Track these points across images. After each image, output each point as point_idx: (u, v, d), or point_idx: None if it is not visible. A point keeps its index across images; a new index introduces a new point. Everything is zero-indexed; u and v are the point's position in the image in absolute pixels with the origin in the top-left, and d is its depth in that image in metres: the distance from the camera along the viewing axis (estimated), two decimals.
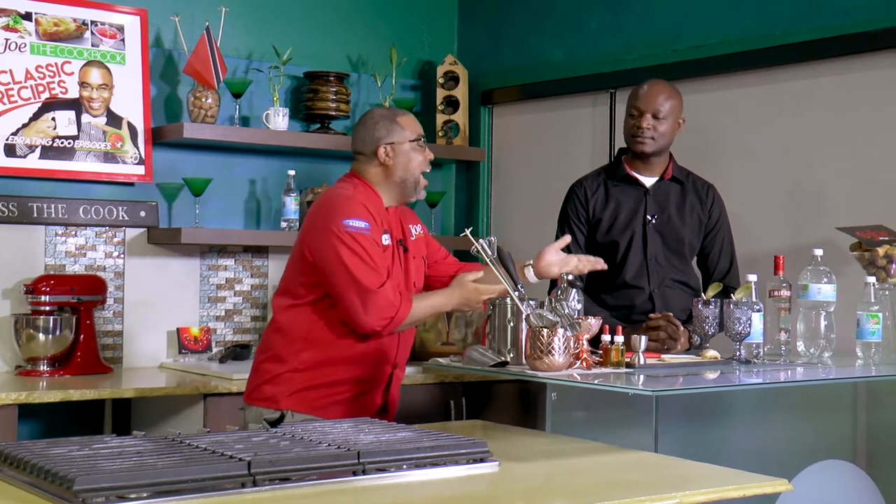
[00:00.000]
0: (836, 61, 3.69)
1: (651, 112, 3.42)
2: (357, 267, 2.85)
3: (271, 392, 2.95)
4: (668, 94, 3.46)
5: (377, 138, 3.02)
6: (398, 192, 3.05)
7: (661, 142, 3.45)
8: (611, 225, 3.51)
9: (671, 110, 3.44)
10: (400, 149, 3.02)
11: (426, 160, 3.08)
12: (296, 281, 2.96)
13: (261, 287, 4.32)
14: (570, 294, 2.97)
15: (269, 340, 3.01)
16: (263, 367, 3.00)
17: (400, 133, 3.04)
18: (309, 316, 2.94)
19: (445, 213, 4.86)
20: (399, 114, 3.10)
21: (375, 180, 3.03)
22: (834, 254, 3.36)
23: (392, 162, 3.01)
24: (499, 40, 4.78)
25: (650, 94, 3.44)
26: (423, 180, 3.09)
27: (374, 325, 2.87)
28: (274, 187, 4.37)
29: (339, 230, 2.87)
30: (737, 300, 3.01)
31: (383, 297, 2.85)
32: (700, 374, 2.88)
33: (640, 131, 3.43)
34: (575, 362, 2.77)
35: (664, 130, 3.44)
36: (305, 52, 4.41)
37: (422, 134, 3.09)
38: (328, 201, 2.97)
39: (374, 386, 3.02)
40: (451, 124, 4.71)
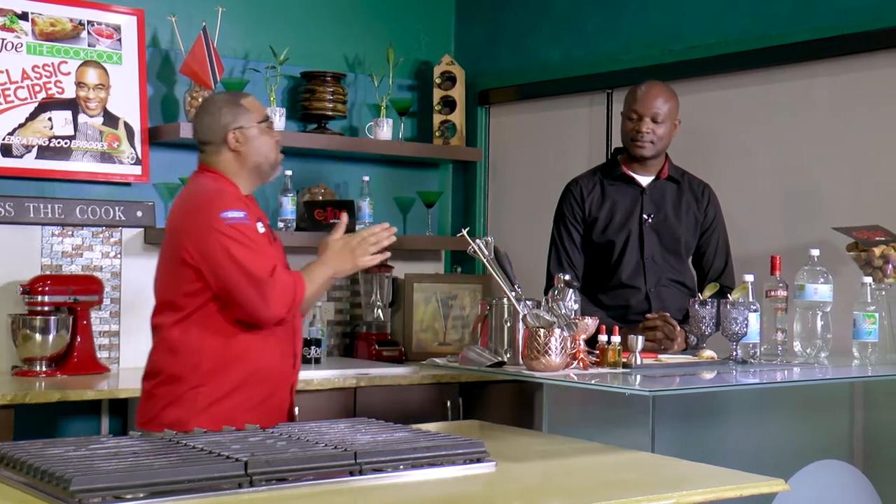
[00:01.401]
0: (832, 62, 3.69)
1: (650, 116, 3.41)
2: (247, 259, 2.73)
3: (176, 416, 2.75)
4: (667, 96, 3.45)
5: (224, 124, 2.89)
6: (254, 178, 2.94)
7: (659, 145, 3.46)
8: (607, 224, 3.51)
9: (669, 113, 3.44)
10: (249, 132, 2.90)
11: (276, 142, 2.96)
12: (177, 293, 2.80)
13: None
14: (567, 294, 2.97)
15: (160, 363, 2.83)
16: (159, 391, 2.81)
17: (247, 116, 2.91)
18: (199, 325, 2.78)
19: (442, 214, 4.85)
20: (241, 96, 2.98)
21: (230, 169, 2.90)
22: (830, 254, 3.36)
23: (243, 147, 2.89)
24: (496, 40, 4.78)
25: (649, 98, 3.42)
26: (279, 157, 2.96)
27: (277, 313, 2.76)
28: (271, 187, 4.35)
29: (219, 225, 2.74)
30: (733, 300, 3.01)
31: (280, 283, 2.75)
32: (697, 374, 2.89)
33: (639, 135, 3.42)
34: (572, 362, 2.77)
35: (663, 133, 3.44)
36: (302, 52, 4.41)
37: (267, 115, 2.98)
38: (196, 200, 2.84)
39: (280, 384, 2.89)
40: (448, 124, 4.71)
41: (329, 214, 4.30)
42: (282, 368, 2.89)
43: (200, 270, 2.76)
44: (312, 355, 4.02)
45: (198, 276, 2.77)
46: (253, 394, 2.82)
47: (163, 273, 2.89)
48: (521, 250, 4.03)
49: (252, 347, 2.81)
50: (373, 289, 4.42)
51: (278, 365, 2.88)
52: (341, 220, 3.00)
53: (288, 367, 2.92)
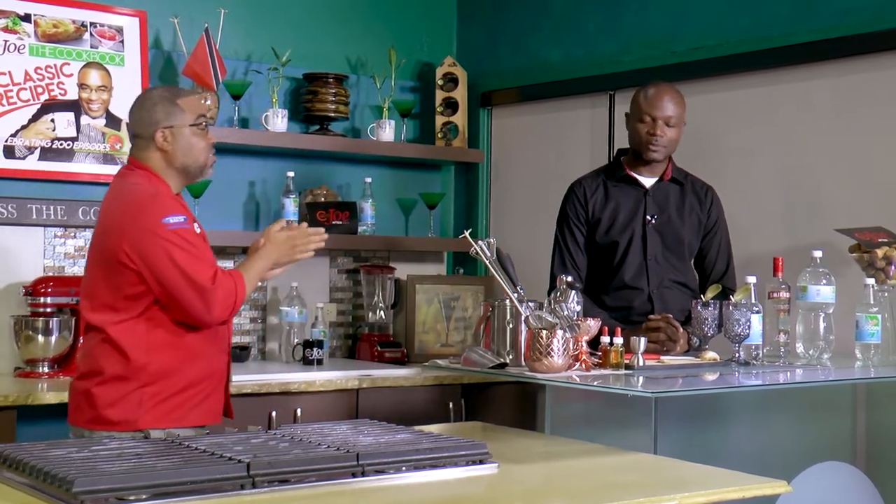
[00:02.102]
0: (834, 63, 3.68)
1: (664, 120, 3.41)
2: (190, 265, 2.73)
3: (122, 415, 2.74)
4: (678, 100, 3.46)
5: (155, 121, 2.84)
6: (181, 178, 2.90)
7: (671, 148, 3.47)
8: (610, 225, 3.51)
9: (681, 117, 3.46)
10: (179, 133, 2.84)
11: (209, 145, 2.91)
12: (118, 295, 2.77)
13: (260, 289, 4.32)
14: (569, 296, 2.97)
15: (102, 362, 2.78)
16: (100, 391, 2.78)
17: (179, 116, 2.85)
18: (146, 326, 2.77)
19: (444, 215, 4.85)
20: (180, 94, 2.92)
21: (158, 166, 2.86)
22: (833, 255, 3.36)
23: (171, 147, 2.84)
24: (497, 42, 4.78)
25: (663, 102, 3.42)
26: (211, 159, 2.93)
27: (220, 316, 2.79)
28: (273, 189, 4.37)
29: (161, 231, 2.73)
30: (736, 302, 3.01)
31: (222, 288, 2.75)
32: (699, 376, 2.89)
33: (654, 139, 3.41)
34: (574, 364, 2.77)
35: (674, 137, 3.45)
36: (304, 53, 4.41)
37: (204, 115, 2.92)
38: (134, 202, 2.79)
39: (218, 382, 2.91)
40: (450, 126, 4.71)
41: (331, 216, 4.30)
42: (219, 366, 2.92)
43: (141, 274, 2.74)
44: (315, 357, 4.02)
45: (140, 280, 2.75)
46: (198, 391, 2.84)
47: (98, 273, 2.83)
48: (524, 252, 4.02)
49: (200, 347, 2.84)
50: (375, 290, 4.42)
51: (217, 362, 2.91)
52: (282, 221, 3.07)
53: (225, 365, 2.95)
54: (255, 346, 4.30)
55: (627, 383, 2.67)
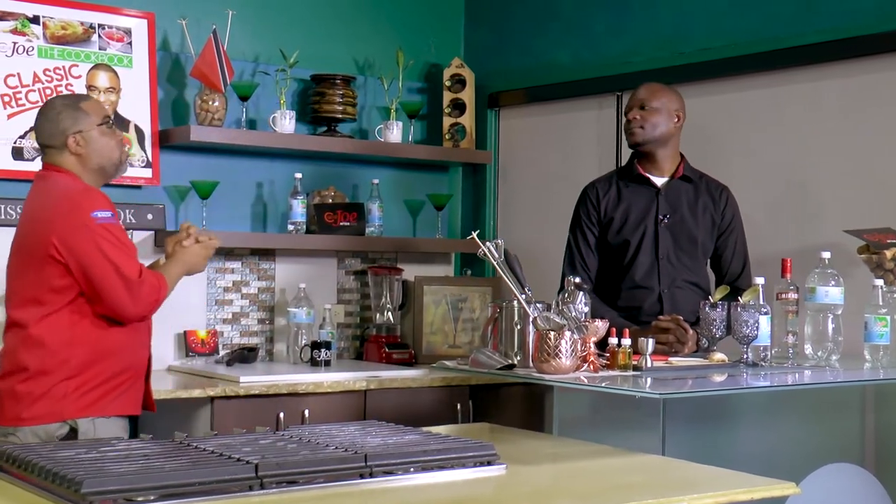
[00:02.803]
0: (842, 64, 3.68)
1: (638, 105, 3.49)
2: (119, 258, 2.85)
3: (47, 409, 2.85)
4: (657, 88, 3.54)
5: (63, 129, 2.97)
6: (99, 178, 3.03)
7: (652, 132, 3.48)
8: (622, 224, 3.52)
9: (659, 102, 3.49)
10: (89, 136, 2.98)
11: (119, 142, 3.05)
12: (41, 288, 2.87)
13: (268, 290, 4.32)
14: (577, 297, 2.97)
15: (24, 358, 2.87)
16: (25, 388, 2.86)
17: (86, 119, 2.99)
18: (69, 319, 2.87)
19: (452, 216, 4.85)
20: (81, 99, 3.08)
21: (75, 170, 2.99)
22: (841, 256, 3.35)
23: (84, 150, 2.98)
24: (505, 43, 4.78)
25: (638, 91, 3.55)
26: (125, 154, 3.07)
27: (143, 311, 2.91)
28: (281, 190, 4.37)
29: (91, 224, 2.85)
30: (744, 303, 3.01)
31: (147, 284, 2.89)
32: (707, 377, 2.88)
33: (629, 123, 3.51)
34: (582, 365, 2.77)
35: (655, 121, 3.47)
36: (312, 54, 4.41)
37: (108, 115, 3.06)
38: (64, 197, 2.90)
39: (138, 375, 3.02)
40: (458, 127, 4.71)
41: (339, 217, 4.31)
42: (142, 360, 3.04)
43: (68, 266, 2.84)
44: (322, 358, 4.02)
45: (66, 272, 2.85)
46: (120, 383, 2.95)
47: (23, 268, 2.93)
48: (531, 252, 4.02)
49: (123, 341, 2.95)
50: (383, 291, 4.42)
51: (139, 357, 3.03)
52: (185, 225, 3.19)
53: (145, 359, 3.06)
54: (263, 348, 4.30)
55: (635, 384, 2.67)
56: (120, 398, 2.95)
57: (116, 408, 2.94)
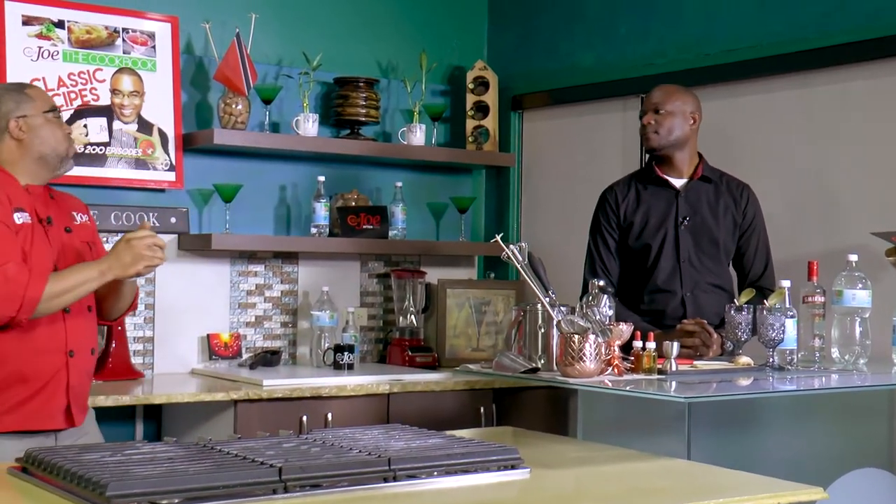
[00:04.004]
0: (869, 64, 3.65)
1: (652, 108, 3.48)
2: None
3: None
4: (671, 90, 3.52)
5: (6, 112, 2.84)
6: (40, 169, 2.88)
7: (668, 136, 3.47)
8: (643, 228, 3.51)
9: (674, 105, 3.48)
10: (33, 121, 2.85)
11: (66, 135, 2.91)
12: None
13: (291, 293, 4.34)
14: (601, 300, 2.97)
15: None
16: None
17: (31, 105, 2.86)
18: None
19: (475, 219, 4.85)
20: (27, 86, 2.96)
21: (9, 158, 2.85)
22: (869, 259, 3.33)
23: (26, 136, 2.85)
24: (528, 45, 4.78)
25: (652, 94, 3.53)
26: (72, 149, 2.92)
27: (2, 311, 2.65)
28: (304, 193, 4.38)
29: None
30: (770, 306, 2.99)
31: (3, 278, 2.63)
32: (733, 381, 2.87)
33: (644, 128, 3.50)
34: (606, 369, 2.76)
35: (670, 125, 3.46)
36: (335, 57, 4.42)
37: (55, 106, 2.92)
38: None
39: (48, 383, 2.78)
40: (481, 129, 4.71)
41: (362, 220, 4.32)
42: (48, 369, 2.79)
43: None
44: (346, 361, 4.02)
45: None
46: (10, 395, 2.74)
47: None
48: (555, 256, 4.02)
49: (5, 348, 2.72)
50: (406, 294, 4.42)
51: (43, 366, 2.78)
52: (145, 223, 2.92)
53: (58, 367, 2.80)
54: (286, 351, 4.31)
55: (660, 388, 2.66)
56: (13, 412, 2.73)
57: (9, 422, 2.71)
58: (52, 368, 2.80)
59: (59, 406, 2.82)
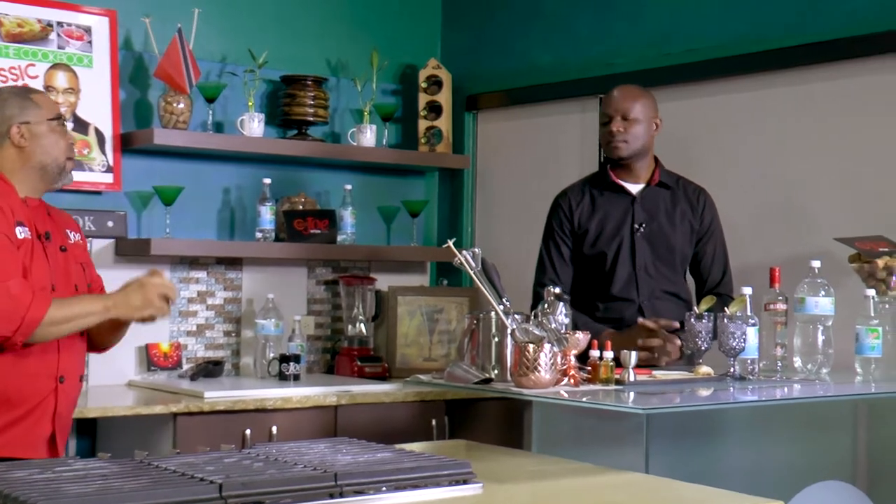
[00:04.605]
0: (832, 66, 3.70)
1: (620, 114, 3.46)
2: None
3: None
4: (636, 95, 3.51)
5: (9, 116, 2.78)
6: (38, 179, 2.82)
7: (635, 144, 3.47)
8: (598, 235, 3.52)
9: (641, 111, 3.48)
10: (37, 129, 2.80)
11: (69, 145, 2.86)
12: None
13: (234, 301, 4.31)
14: (557, 308, 2.97)
15: None
16: None
17: (35, 111, 2.81)
18: None
19: (428, 224, 4.85)
20: (33, 91, 2.91)
21: (9, 167, 2.78)
22: (832, 265, 3.37)
23: (28, 144, 2.78)
24: (484, 43, 4.78)
25: (617, 98, 3.50)
26: (70, 163, 2.87)
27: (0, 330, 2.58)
28: (249, 196, 4.36)
29: None
30: (731, 314, 3.01)
31: (7, 296, 2.57)
32: (693, 391, 2.88)
33: (611, 136, 3.47)
34: (562, 379, 2.77)
35: (637, 132, 3.47)
36: (282, 55, 4.41)
37: (60, 114, 2.87)
38: None
39: (34, 409, 2.71)
40: (434, 130, 4.71)
41: (310, 224, 4.30)
42: (35, 394, 2.73)
43: None
44: (291, 372, 4.01)
45: None
46: None
47: None
48: (510, 261, 4.03)
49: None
50: (355, 302, 4.41)
51: (31, 390, 2.71)
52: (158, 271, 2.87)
53: (46, 393, 2.74)
54: (229, 361, 4.28)
55: (618, 399, 2.67)
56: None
57: None
58: (40, 394, 2.73)
59: (43, 434, 2.75)
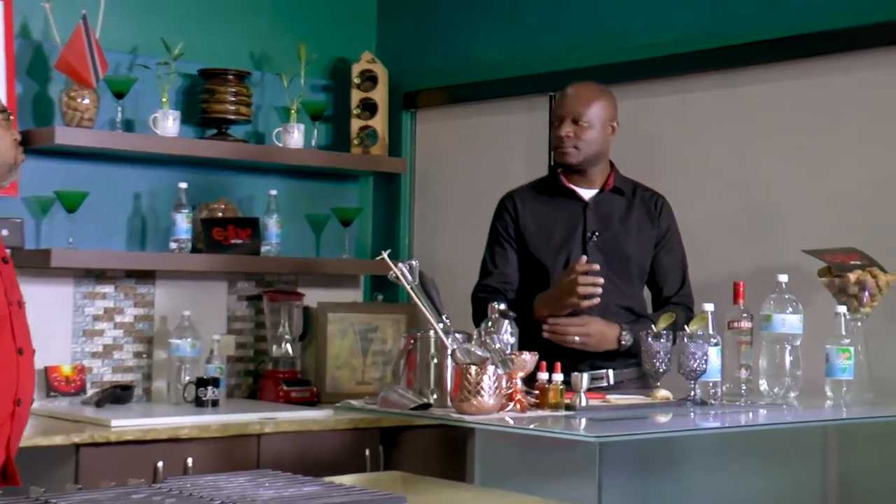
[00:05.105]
0: (802, 63, 3.75)
1: (571, 117, 3.48)
2: None
3: None
4: (591, 96, 3.52)
5: None
6: None
7: (587, 150, 3.50)
8: (545, 244, 3.54)
9: (597, 114, 3.50)
10: None
11: (15, 141, 2.86)
12: None
13: (146, 318, 4.28)
14: (502, 326, 2.99)
15: None
16: None
17: None
18: None
19: (361, 234, 4.86)
20: None
21: None
22: (800, 280, 3.41)
23: None
24: (424, 35, 4.80)
25: (569, 99, 3.52)
26: (20, 157, 2.88)
27: None
28: (162, 202, 4.33)
29: None
30: (691, 333, 3.05)
31: None
32: (650, 418, 2.91)
33: (561, 141, 3.50)
34: (507, 404, 2.78)
35: (590, 138, 3.49)
36: (200, 46, 4.39)
37: (5, 108, 2.89)
38: None
39: None
40: (369, 131, 4.72)
41: (231, 234, 4.29)
42: None
43: None
44: (209, 397, 3.98)
45: None
46: None
47: None
48: (452, 275, 4.04)
49: None
50: (281, 319, 4.40)
51: None
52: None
53: (3, 418, 2.72)
54: (140, 386, 4.26)
55: (568, 426, 2.69)
56: None
57: None
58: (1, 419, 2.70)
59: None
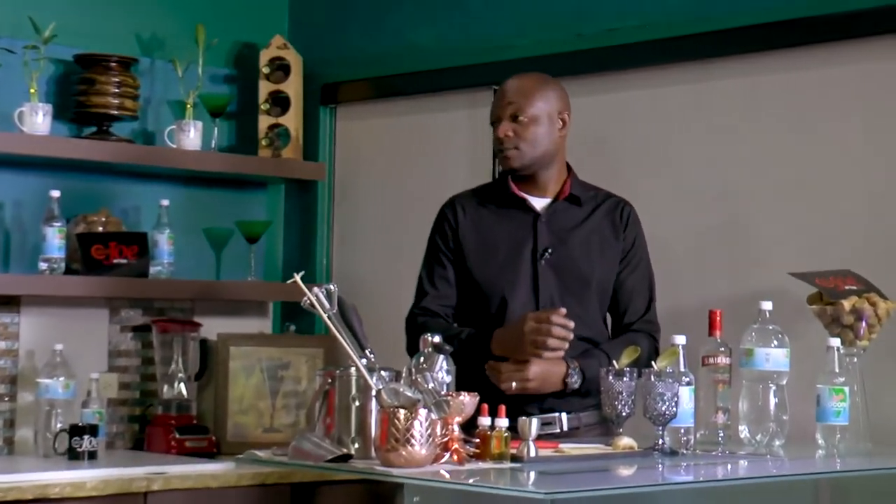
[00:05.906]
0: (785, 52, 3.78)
1: (509, 114, 3.50)
2: None
3: None
4: (530, 87, 3.53)
5: None
6: None
7: (532, 152, 3.50)
8: (486, 261, 3.53)
9: (540, 108, 3.51)
10: None
11: None
12: None
13: (9, 353, 4.23)
14: (436, 362, 2.98)
15: None
16: None
17: None
18: None
19: (270, 251, 4.84)
20: None
21: None
22: (787, 308, 3.42)
23: None
24: (345, 17, 4.80)
25: (506, 94, 3.53)
26: None
27: None
28: (31, 214, 4.29)
29: None
30: (659, 370, 3.05)
31: None
32: (610, 470, 2.91)
33: (500, 143, 3.51)
34: (442, 455, 2.77)
35: (534, 136, 3.49)
36: (76, 27, 4.37)
37: None
38: None
39: None
40: (279, 129, 4.71)
41: (113, 252, 4.25)
42: None
43: None
44: (86, 448, 3.96)
45: None
46: None
47: None
48: (378, 302, 4.03)
49: None
50: (173, 355, 4.38)
51: None
52: None
53: None
54: (1, 435, 4.21)
55: (514, 481, 2.68)
56: None
57: None
58: None
59: None
